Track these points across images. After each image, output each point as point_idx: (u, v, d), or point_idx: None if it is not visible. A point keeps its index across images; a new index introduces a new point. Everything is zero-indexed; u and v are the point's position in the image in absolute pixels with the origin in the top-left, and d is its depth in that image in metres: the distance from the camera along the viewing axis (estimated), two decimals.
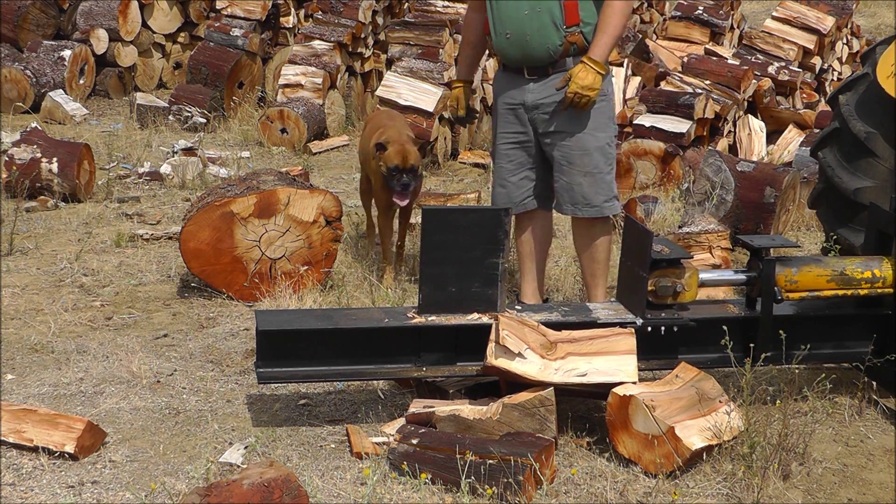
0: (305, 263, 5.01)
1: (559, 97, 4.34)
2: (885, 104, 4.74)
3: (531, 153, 4.51)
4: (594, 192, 4.42)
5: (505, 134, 4.54)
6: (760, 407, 3.59)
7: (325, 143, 8.88)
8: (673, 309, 3.79)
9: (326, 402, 3.94)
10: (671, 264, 3.77)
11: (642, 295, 3.74)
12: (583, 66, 4.25)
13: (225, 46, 9.85)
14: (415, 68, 8.24)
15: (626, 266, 3.90)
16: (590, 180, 4.41)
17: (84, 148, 6.75)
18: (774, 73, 9.96)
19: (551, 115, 4.39)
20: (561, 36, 4.29)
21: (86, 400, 3.88)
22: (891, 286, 3.96)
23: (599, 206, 4.45)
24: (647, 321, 3.75)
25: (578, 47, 4.32)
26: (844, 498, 3.41)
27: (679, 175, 7.66)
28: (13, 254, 5.58)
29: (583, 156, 4.39)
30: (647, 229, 3.78)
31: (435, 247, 3.65)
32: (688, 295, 3.79)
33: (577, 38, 4.31)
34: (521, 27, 4.32)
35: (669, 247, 3.80)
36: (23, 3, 10.05)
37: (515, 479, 3.15)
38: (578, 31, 4.30)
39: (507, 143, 4.54)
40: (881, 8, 17.86)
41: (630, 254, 3.84)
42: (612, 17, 4.27)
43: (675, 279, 3.76)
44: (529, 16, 4.30)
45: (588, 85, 4.23)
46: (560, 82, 4.32)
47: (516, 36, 4.34)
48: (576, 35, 4.30)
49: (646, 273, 3.71)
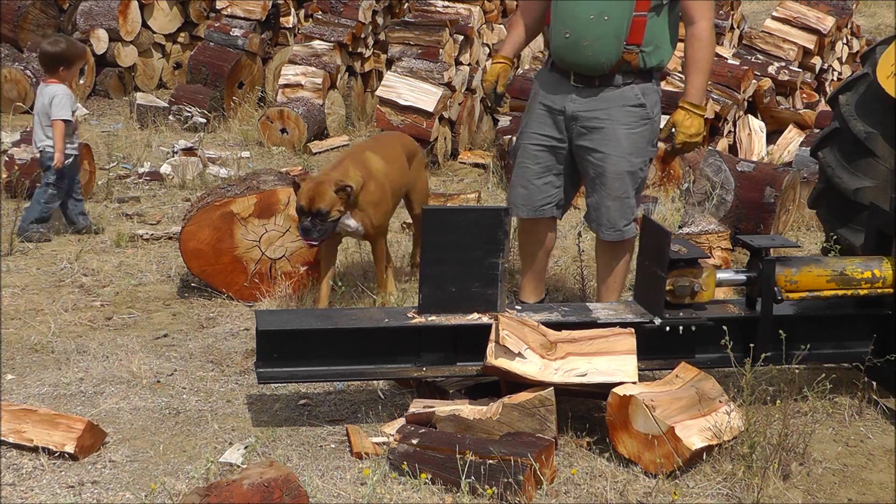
0: (305, 263, 5.01)
1: (600, 113, 4.20)
2: (885, 104, 4.74)
3: (561, 160, 4.35)
4: (619, 216, 4.29)
5: (537, 135, 4.36)
6: (760, 407, 3.59)
7: (325, 144, 8.88)
8: (691, 309, 3.80)
9: (326, 402, 3.94)
10: (689, 264, 3.78)
11: (660, 295, 3.75)
12: (686, 113, 4.12)
13: (225, 46, 9.85)
14: (415, 68, 8.24)
15: (643, 266, 3.90)
16: (617, 204, 4.27)
17: (84, 148, 6.75)
18: (774, 73, 9.96)
19: (590, 131, 4.23)
20: (619, 51, 4.10)
21: (86, 400, 3.88)
22: (891, 286, 3.96)
23: (622, 231, 4.32)
24: (665, 321, 3.75)
25: (632, 67, 4.15)
26: (844, 498, 3.41)
27: (679, 175, 7.66)
28: (13, 254, 5.58)
29: (615, 179, 4.23)
30: (666, 229, 3.78)
31: (435, 247, 3.65)
32: (705, 295, 3.80)
33: (633, 58, 4.12)
34: (582, 31, 4.12)
35: (687, 247, 3.81)
36: (23, 3, 10.04)
37: (515, 479, 3.15)
38: (638, 51, 4.12)
39: (537, 145, 4.36)
40: (881, 8, 17.86)
41: (648, 253, 3.84)
42: (702, 50, 4.10)
43: (692, 279, 3.77)
44: (595, 21, 4.10)
45: (695, 132, 4.13)
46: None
47: (574, 38, 4.14)
48: (633, 54, 4.12)
49: (664, 273, 3.72)
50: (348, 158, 4.75)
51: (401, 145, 5.17)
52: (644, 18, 4.09)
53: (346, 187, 4.46)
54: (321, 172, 4.77)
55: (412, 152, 5.20)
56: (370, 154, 4.83)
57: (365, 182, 4.62)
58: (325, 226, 4.47)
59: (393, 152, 5.01)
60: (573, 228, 6.34)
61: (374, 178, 4.70)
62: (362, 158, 4.76)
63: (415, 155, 5.22)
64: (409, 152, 5.17)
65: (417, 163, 5.24)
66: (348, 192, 4.47)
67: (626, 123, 4.21)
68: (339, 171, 4.59)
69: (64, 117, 5.65)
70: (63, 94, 5.69)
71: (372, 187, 4.67)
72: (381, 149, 4.98)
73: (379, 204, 4.71)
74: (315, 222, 4.44)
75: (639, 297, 3.94)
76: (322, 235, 4.49)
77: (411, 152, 5.19)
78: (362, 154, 4.82)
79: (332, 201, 4.44)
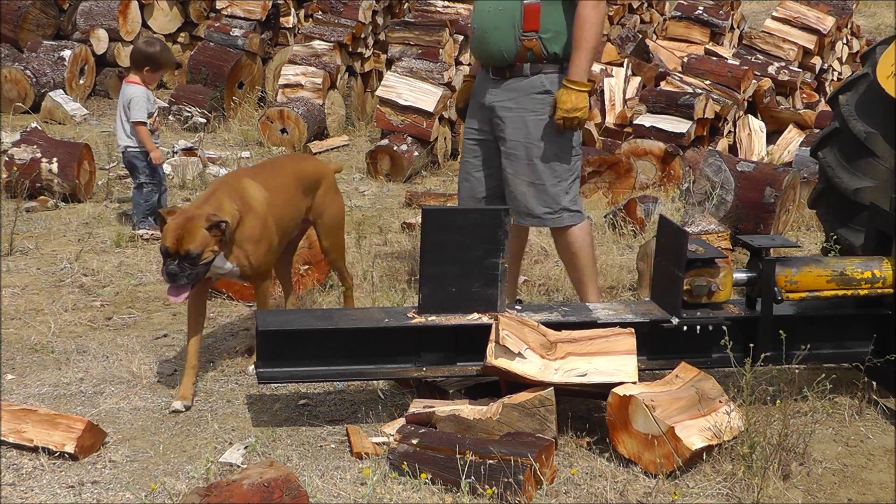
0: (305, 263, 5.01)
1: (509, 102, 4.29)
2: (885, 104, 4.74)
3: (494, 153, 4.44)
4: (536, 203, 4.32)
5: (471, 129, 4.52)
6: (760, 407, 3.59)
7: (325, 144, 8.88)
8: (707, 308, 3.81)
9: (326, 402, 3.94)
10: (706, 264, 3.79)
11: (678, 294, 3.75)
12: (564, 89, 4.17)
13: (225, 46, 9.86)
14: (415, 68, 8.25)
15: (660, 266, 3.90)
16: (532, 191, 4.31)
17: (84, 148, 6.76)
18: (774, 73, 9.96)
19: (502, 121, 4.32)
20: (516, 38, 4.21)
21: (86, 400, 3.88)
22: (891, 286, 3.96)
23: (541, 218, 4.36)
24: (682, 320, 3.76)
25: (535, 54, 4.22)
26: (844, 498, 3.41)
27: (679, 175, 7.67)
28: (13, 254, 5.58)
29: (526, 165, 4.29)
30: (683, 229, 3.79)
31: (435, 247, 3.65)
32: (722, 294, 3.81)
33: (533, 45, 4.21)
34: (485, 23, 4.29)
35: (704, 246, 3.81)
36: (23, 3, 10.05)
37: (515, 479, 3.15)
38: (536, 38, 4.20)
39: (472, 139, 4.52)
40: (881, 8, 17.87)
41: (664, 253, 3.85)
42: (584, 30, 4.16)
43: (709, 278, 3.77)
44: (492, 13, 4.27)
45: (572, 107, 4.15)
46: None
47: (480, 32, 4.33)
48: (533, 41, 4.20)
49: (681, 272, 3.72)
50: (223, 188, 4.05)
51: (294, 171, 4.40)
52: (537, 5, 4.19)
53: (220, 223, 3.78)
54: (191, 205, 4.03)
55: (314, 177, 4.43)
56: (249, 182, 4.13)
57: (242, 216, 3.94)
58: (196, 269, 3.79)
59: (279, 179, 4.28)
60: None
61: (252, 210, 4.01)
62: (239, 188, 4.06)
63: (320, 179, 4.46)
64: (309, 177, 4.41)
65: (325, 188, 4.48)
66: (222, 228, 3.79)
67: (533, 110, 4.28)
68: (211, 204, 3.89)
69: (140, 119, 5.79)
70: (140, 95, 5.82)
71: (250, 221, 3.98)
72: (264, 176, 4.25)
73: (259, 241, 4.01)
74: (183, 265, 3.75)
75: (656, 296, 3.94)
76: (192, 281, 3.81)
77: (312, 177, 4.42)
78: (239, 182, 4.11)
79: (204, 241, 3.76)
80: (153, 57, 5.87)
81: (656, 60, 10.30)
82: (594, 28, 4.17)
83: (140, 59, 5.87)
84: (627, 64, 9.55)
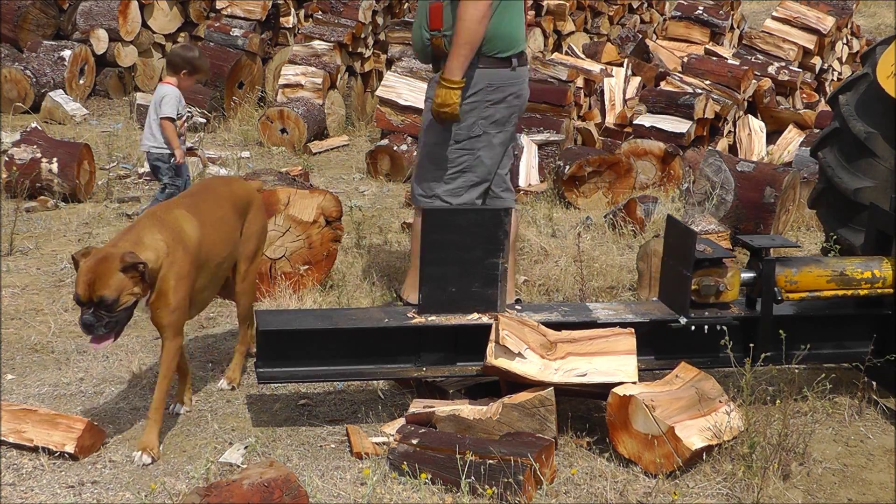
0: (305, 263, 5.01)
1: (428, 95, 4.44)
2: (885, 104, 4.74)
3: None
4: (415, 184, 4.50)
5: None
6: (760, 407, 3.59)
7: (325, 143, 8.88)
8: (715, 308, 3.81)
9: (326, 402, 3.94)
10: (714, 264, 3.79)
11: (686, 294, 3.76)
12: (438, 84, 4.25)
13: (225, 46, 9.86)
14: (415, 68, 8.24)
15: (668, 265, 3.91)
16: (416, 171, 4.53)
17: (84, 148, 6.75)
18: (774, 73, 9.97)
19: None
20: (426, 38, 4.34)
21: (86, 400, 3.88)
22: (891, 286, 3.96)
23: (416, 198, 4.49)
24: (690, 320, 3.76)
25: (441, 51, 4.31)
26: (844, 498, 3.41)
27: (679, 175, 7.67)
28: (13, 254, 5.58)
29: (421, 148, 4.51)
30: (691, 229, 3.79)
31: (435, 247, 3.65)
32: (730, 294, 3.81)
33: (440, 42, 4.30)
34: (414, 25, 4.53)
35: (712, 246, 3.81)
36: (23, 3, 10.05)
37: (515, 479, 3.15)
38: (441, 36, 4.29)
39: None
40: (881, 8, 17.87)
41: (672, 253, 3.85)
42: (459, 27, 4.20)
43: (717, 278, 3.77)
44: (416, 14, 4.49)
45: (441, 103, 4.22)
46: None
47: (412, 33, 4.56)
48: (439, 39, 4.30)
49: (689, 272, 3.72)
50: (147, 219, 3.55)
51: (228, 197, 3.90)
52: (440, 4, 4.28)
53: (138, 265, 3.30)
54: (110, 242, 3.50)
55: (245, 201, 3.97)
56: (181, 215, 3.63)
57: (170, 249, 3.46)
58: (116, 317, 3.31)
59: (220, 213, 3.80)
60: (573, 228, 6.34)
61: (182, 244, 3.52)
62: (169, 221, 3.57)
63: (249, 204, 3.99)
64: (241, 201, 3.95)
65: (254, 215, 4.00)
66: (140, 270, 3.31)
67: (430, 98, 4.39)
68: (128, 240, 3.40)
69: (169, 115, 5.81)
70: (172, 94, 5.86)
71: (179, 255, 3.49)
72: (203, 209, 3.74)
73: (184, 279, 3.50)
74: (99, 314, 3.28)
75: (664, 296, 3.95)
76: (112, 330, 3.33)
77: (244, 201, 3.96)
78: (170, 213, 3.62)
79: (119, 285, 3.27)
80: (192, 61, 5.93)
81: (656, 60, 10.31)
82: (468, 25, 4.19)
83: (179, 62, 5.92)
84: (627, 64, 9.55)
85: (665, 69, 9.73)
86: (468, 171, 4.36)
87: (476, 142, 4.33)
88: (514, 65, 4.32)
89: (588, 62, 9.41)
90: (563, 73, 8.50)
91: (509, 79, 4.32)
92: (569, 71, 8.54)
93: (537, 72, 8.62)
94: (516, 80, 4.35)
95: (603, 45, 10.30)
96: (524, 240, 5.86)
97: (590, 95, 9.05)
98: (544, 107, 8.38)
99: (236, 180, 4.35)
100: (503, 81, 4.31)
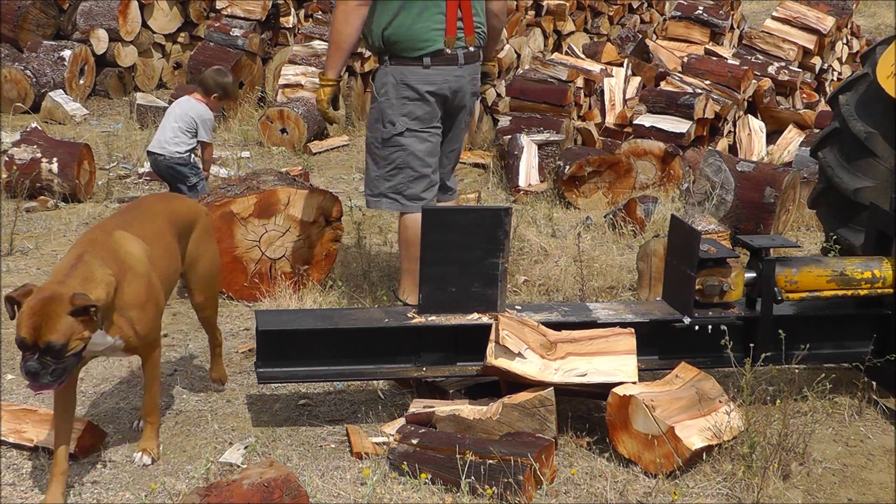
0: (305, 263, 5.01)
1: None
2: (885, 104, 4.74)
3: None
4: (364, 185, 4.65)
5: None
6: (760, 407, 3.59)
7: (325, 143, 8.88)
8: (718, 308, 3.82)
9: (326, 402, 3.94)
10: (718, 264, 3.79)
11: (690, 294, 3.76)
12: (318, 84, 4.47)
13: (225, 46, 9.86)
14: None
15: (672, 265, 3.91)
16: (364, 175, 4.64)
17: (84, 148, 6.75)
18: (774, 73, 9.97)
19: None
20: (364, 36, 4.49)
21: (86, 400, 3.88)
22: (891, 286, 3.96)
23: (366, 199, 4.61)
24: (694, 320, 3.77)
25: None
26: (844, 498, 3.41)
27: (679, 175, 7.67)
28: (13, 254, 5.58)
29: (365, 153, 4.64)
30: (695, 229, 3.80)
31: (435, 247, 3.65)
32: (734, 294, 3.81)
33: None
34: None
35: (716, 247, 3.82)
36: (23, 3, 10.05)
37: (515, 479, 3.15)
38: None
39: None
40: (881, 8, 17.87)
41: (676, 253, 3.85)
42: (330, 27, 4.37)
43: (721, 278, 3.78)
44: None
45: (317, 99, 4.47)
46: None
47: None
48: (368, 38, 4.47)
49: (693, 272, 3.73)
50: (91, 250, 3.18)
51: (165, 214, 3.63)
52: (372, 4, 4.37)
53: (89, 308, 2.95)
54: (53, 278, 3.11)
55: (187, 219, 3.72)
56: (121, 236, 3.33)
57: (119, 280, 3.15)
58: (63, 363, 2.97)
59: (154, 225, 3.52)
60: (573, 228, 6.34)
61: (131, 269, 3.24)
62: (111, 245, 3.26)
63: (194, 222, 3.74)
64: (182, 219, 3.69)
65: (200, 232, 3.76)
66: (92, 314, 2.96)
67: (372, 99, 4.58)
68: (77, 276, 3.04)
69: (208, 140, 5.99)
70: (211, 118, 5.97)
71: (131, 284, 3.21)
72: (137, 225, 3.46)
73: (145, 305, 3.26)
74: (45, 361, 2.93)
75: (667, 296, 3.95)
76: (59, 378, 2.99)
77: (185, 219, 3.71)
78: (110, 239, 3.29)
79: (68, 329, 2.93)
80: (225, 87, 6.04)
81: (656, 60, 10.31)
82: (334, 25, 4.38)
83: (212, 85, 6.00)
84: (627, 64, 9.55)
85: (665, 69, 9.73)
86: (405, 166, 4.46)
87: (401, 139, 4.43)
88: (426, 63, 4.35)
89: (588, 62, 9.42)
90: (563, 73, 8.51)
91: (424, 77, 4.36)
92: (569, 71, 8.55)
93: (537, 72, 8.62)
94: (433, 79, 4.37)
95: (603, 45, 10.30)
96: (524, 240, 5.86)
97: (590, 95, 9.05)
98: (544, 107, 8.39)
99: (178, 198, 4.07)
100: (418, 79, 4.36)
